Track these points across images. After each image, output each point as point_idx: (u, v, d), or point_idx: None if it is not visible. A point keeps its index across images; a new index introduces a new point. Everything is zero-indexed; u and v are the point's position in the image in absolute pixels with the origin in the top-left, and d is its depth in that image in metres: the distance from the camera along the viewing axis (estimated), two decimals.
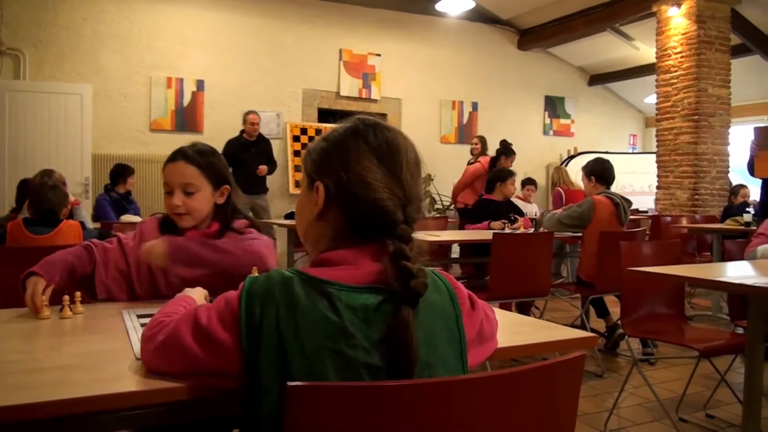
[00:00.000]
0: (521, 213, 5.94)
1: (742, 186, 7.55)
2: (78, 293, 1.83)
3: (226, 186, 2.21)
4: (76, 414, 1.12)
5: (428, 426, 0.96)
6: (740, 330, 3.54)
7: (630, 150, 12.68)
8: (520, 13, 10.73)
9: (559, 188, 8.03)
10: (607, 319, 5.05)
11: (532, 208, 7.21)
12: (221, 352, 1.12)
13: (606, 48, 10.95)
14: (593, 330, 5.07)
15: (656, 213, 8.78)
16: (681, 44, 8.46)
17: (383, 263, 1.14)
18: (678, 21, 8.49)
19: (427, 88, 10.59)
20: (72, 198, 4.61)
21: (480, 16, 10.77)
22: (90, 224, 5.35)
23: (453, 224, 7.29)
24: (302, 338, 1.05)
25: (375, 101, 10.11)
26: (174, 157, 2.15)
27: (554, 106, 11.87)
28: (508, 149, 7.93)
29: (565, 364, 1.07)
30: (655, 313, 3.52)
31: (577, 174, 6.84)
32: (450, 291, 1.22)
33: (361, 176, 1.18)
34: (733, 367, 3.92)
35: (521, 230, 5.36)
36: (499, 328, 1.38)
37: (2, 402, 1.05)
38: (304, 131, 9.51)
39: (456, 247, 6.56)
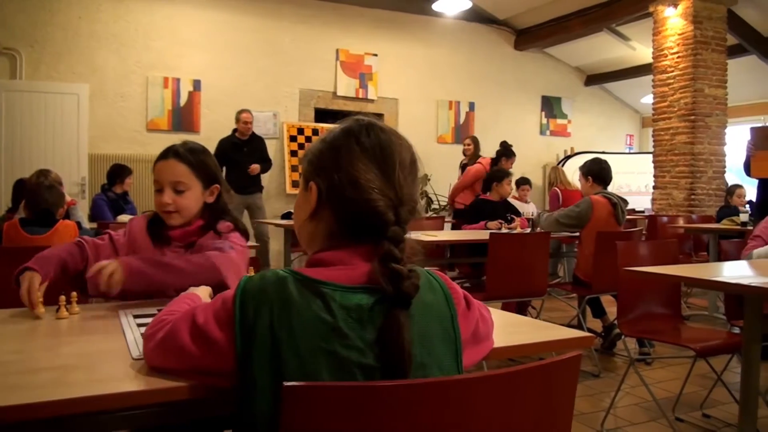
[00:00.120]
0: (518, 213, 5.95)
1: (738, 186, 7.56)
2: (74, 293, 1.82)
3: (216, 185, 2.21)
4: (74, 414, 1.11)
5: (424, 426, 0.96)
6: (737, 330, 3.55)
7: (627, 150, 12.69)
8: (517, 13, 10.73)
9: (556, 188, 8.03)
10: (604, 319, 5.06)
11: (530, 208, 7.22)
12: (216, 351, 1.12)
13: (602, 48, 10.95)
14: (590, 330, 5.07)
15: (653, 213, 8.79)
16: (677, 44, 8.47)
17: (373, 265, 1.14)
18: (674, 21, 8.50)
19: (424, 88, 10.59)
20: (68, 198, 4.61)
21: (477, 16, 10.77)
22: (86, 224, 5.34)
23: (447, 225, 7.27)
24: (296, 338, 1.05)
25: (372, 101, 10.11)
26: (165, 155, 2.15)
27: (551, 106, 11.88)
28: (509, 150, 7.94)
29: (562, 364, 1.07)
30: (652, 313, 3.52)
31: (574, 174, 6.85)
32: (445, 291, 1.22)
33: (353, 177, 1.18)
34: (730, 367, 3.92)
35: (518, 230, 5.37)
36: (496, 328, 1.38)
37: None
38: (301, 131, 9.51)
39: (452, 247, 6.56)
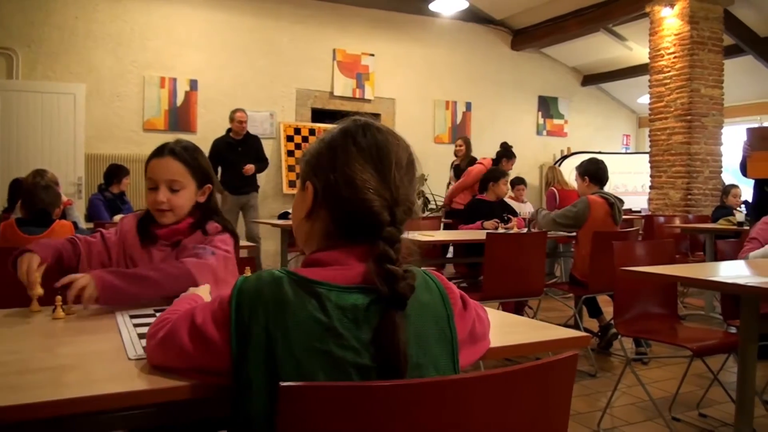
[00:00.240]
0: (514, 213, 5.95)
1: (734, 186, 7.57)
2: None
3: (209, 185, 2.20)
4: (71, 414, 1.11)
5: (420, 426, 0.96)
6: (733, 329, 3.55)
7: (623, 150, 12.71)
8: (514, 14, 10.75)
9: (553, 188, 8.03)
10: (600, 319, 5.06)
11: (526, 208, 7.23)
12: (213, 351, 1.13)
13: (599, 48, 10.97)
14: (586, 330, 5.08)
15: (649, 213, 8.80)
16: (674, 45, 8.48)
17: (369, 265, 1.14)
18: (671, 21, 8.51)
19: (421, 88, 10.60)
20: (65, 198, 4.60)
21: (473, 17, 10.78)
22: (83, 224, 5.33)
23: (436, 223, 7.23)
24: (291, 338, 1.05)
25: (369, 101, 10.11)
26: (160, 153, 2.13)
27: (547, 107, 11.89)
28: (509, 152, 7.95)
29: (558, 364, 1.07)
30: (648, 313, 3.52)
31: (571, 174, 6.85)
32: (441, 291, 1.22)
33: (348, 176, 1.18)
34: (726, 367, 3.93)
35: (515, 230, 5.37)
36: (492, 328, 1.38)
37: None
38: (298, 131, 9.51)
39: (450, 247, 6.56)
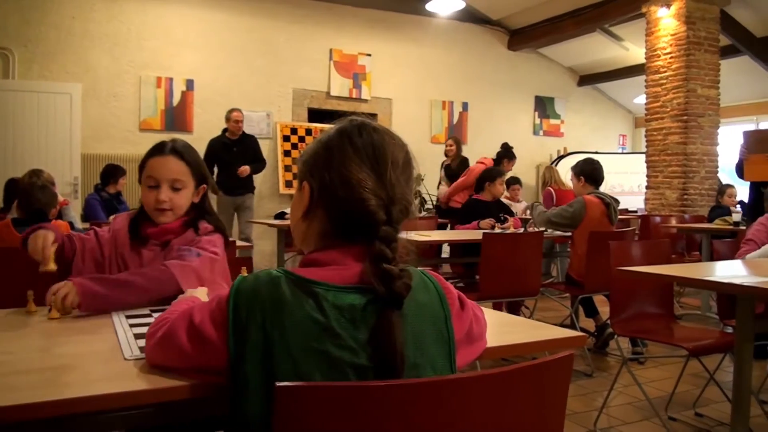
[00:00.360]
0: (511, 213, 5.95)
1: (729, 186, 7.58)
2: None
3: (204, 185, 2.20)
4: (68, 415, 1.11)
5: (417, 426, 0.96)
6: (729, 329, 3.56)
7: (619, 150, 12.73)
8: (510, 14, 10.75)
9: (550, 188, 8.03)
10: (596, 319, 5.07)
11: (523, 207, 7.21)
12: (211, 351, 1.13)
13: (596, 48, 10.98)
14: (583, 329, 5.08)
15: (645, 213, 8.81)
16: (670, 45, 8.49)
17: (365, 265, 1.14)
18: (667, 22, 8.52)
19: (418, 88, 10.60)
20: (61, 198, 4.59)
21: (470, 17, 10.79)
22: (79, 224, 5.32)
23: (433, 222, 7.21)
24: (288, 338, 1.05)
25: (365, 101, 10.11)
26: (161, 151, 2.12)
27: (544, 107, 11.90)
28: (510, 152, 7.95)
29: (554, 364, 1.07)
30: (645, 313, 3.53)
31: (567, 174, 6.86)
32: (439, 291, 1.22)
33: (344, 176, 1.18)
34: (722, 366, 3.93)
35: (511, 230, 5.37)
36: (489, 328, 1.38)
37: None
38: (294, 131, 9.50)
39: (446, 247, 6.56)
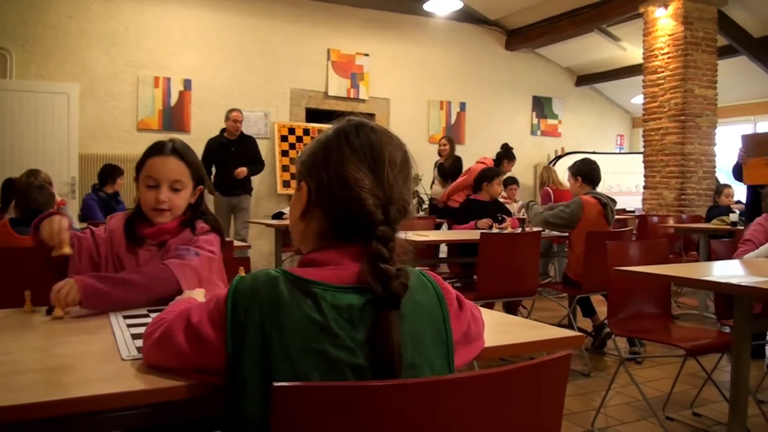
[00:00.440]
0: (508, 213, 5.95)
1: (726, 186, 7.59)
2: None
3: (201, 186, 2.20)
4: (66, 415, 1.11)
5: (414, 426, 0.96)
6: (726, 329, 3.56)
7: (617, 150, 12.74)
8: (508, 14, 10.76)
9: (548, 188, 8.04)
10: (594, 318, 5.07)
11: (520, 206, 7.23)
12: (208, 351, 1.13)
13: (593, 48, 10.99)
14: (580, 329, 5.08)
15: (643, 213, 8.82)
16: (668, 45, 8.50)
17: (362, 265, 1.14)
18: (665, 22, 8.53)
19: (416, 88, 10.60)
20: (58, 198, 4.59)
21: (468, 17, 10.79)
22: (76, 224, 5.32)
23: (431, 222, 7.21)
24: (286, 338, 1.05)
25: (363, 101, 10.11)
26: (162, 151, 2.11)
27: (542, 107, 11.91)
28: (510, 153, 7.96)
29: (551, 364, 1.07)
30: (642, 313, 3.53)
31: (565, 174, 6.86)
32: (437, 292, 1.22)
33: (342, 176, 1.18)
34: (720, 366, 3.93)
35: (508, 230, 5.37)
36: (487, 328, 1.38)
37: None
38: (292, 131, 9.50)
39: (444, 247, 6.56)
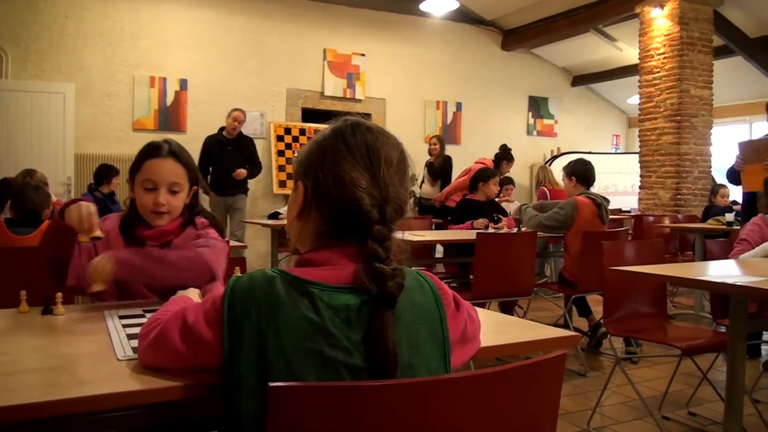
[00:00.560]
0: (505, 213, 5.96)
1: (722, 186, 7.60)
2: (59, 294, 1.80)
3: (196, 186, 2.20)
4: (61, 416, 1.11)
5: (410, 426, 0.96)
6: (722, 328, 3.56)
7: (613, 150, 12.75)
8: (504, 14, 10.76)
9: (544, 187, 8.04)
10: (590, 318, 5.07)
11: (514, 207, 7.22)
12: (204, 350, 1.12)
13: (589, 49, 11.00)
14: (576, 329, 5.09)
15: (639, 213, 8.83)
16: (664, 45, 8.52)
17: (358, 264, 1.14)
18: (661, 22, 8.54)
19: (412, 88, 10.60)
20: (54, 198, 4.58)
21: (464, 17, 10.80)
22: None
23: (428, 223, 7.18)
24: (282, 338, 1.05)
25: (359, 101, 10.11)
26: (159, 153, 2.09)
27: (538, 107, 11.92)
28: (509, 154, 7.97)
29: (546, 363, 1.07)
30: (638, 312, 3.53)
31: (561, 174, 6.87)
32: (434, 292, 1.22)
33: (338, 176, 1.18)
34: (715, 366, 3.94)
35: (504, 230, 5.37)
36: (483, 328, 1.39)
37: None
38: (288, 131, 9.50)
39: (440, 247, 6.56)
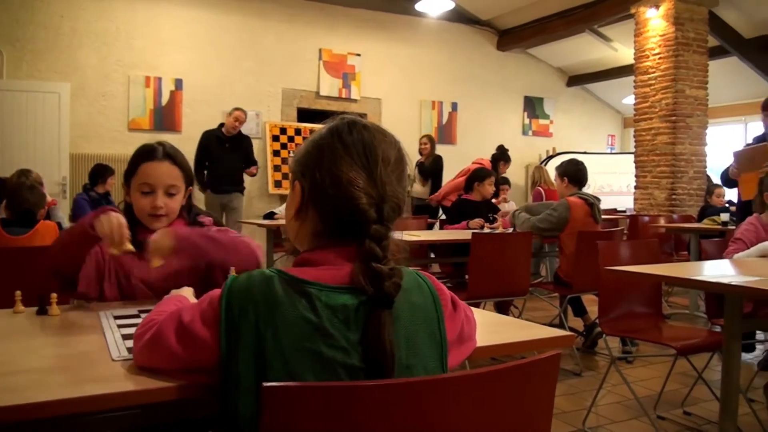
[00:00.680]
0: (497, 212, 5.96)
1: (718, 186, 7.61)
2: (54, 294, 1.79)
3: (191, 187, 2.19)
4: (56, 417, 1.10)
5: (405, 426, 0.96)
6: (717, 328, 3.58)
7: (608, 150, 12.77)
8: (500, 14, 10.77)
9: (540, 188, 8.05)
10: (585, 318, 5.08)
11: (510, 207, 7.23)
12: (201, 350, 1.12)
13: (585, 49, 11.02)
14: (571, 329, 5.09)
15: (634, 213, 8.84)
16: (659, 46, 8.53)
17: (355, 264, 1.13)
18: (656, 23, 8.56)
19: (407, 88, 10.60)
20: (49, 198, 4.57)
21: (459, 17, 10.80)
22: (67, 225, 5.30)
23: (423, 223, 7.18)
24: (280, 338, 1.05)
25: (355, 101, 10.11)
26: (155, 156, 2.06)
27: (533, 107, 11.93)
28: (506, 155, 7.97)
29: (541, 363, 1.07)
30: (633, 312, 3.54)
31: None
32: (432, 293, 1.21)
33: (335, 175, 1.17)
34: (710, 365, 3.95)
35: (500, 230, 5.38)
36: (478, 327, 1.38)
37: None
38: (284, 131, 9.49)
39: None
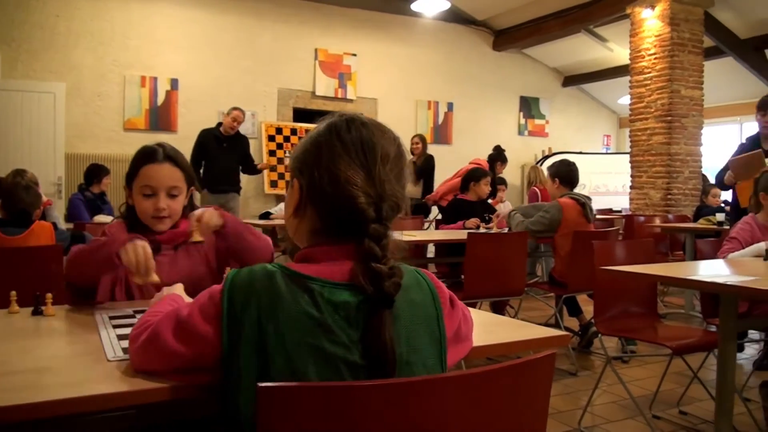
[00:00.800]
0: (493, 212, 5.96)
1: (713, 186, 7.62)
2: (49, 295, 1.77)
3: (192, 188, 2.18)
4: (50, 417, 1.10)
5: (401, 424, 0.96)
6: (712, 328, 3.58)
7: (604, 150, 12.79)
8: (496, 14, 10.78)
9: (535, 188, 8.06)
10: (580, 318, 5.08)
11: (508, 207, 7.23)
12: (201, 345, 1.11)
13: (580, 49, 11.03)
14: (567, 329, 5.10)
15: (629, 213, 8.86)
16: (654, 46, 8.54)
17: (355, 263, 1.13)
18: (652, 23, 8.57)
19: (403, 88, 10.61)
20: (45, 198, 4.56)
21: (455, 17, 10.81)
22: (62, 225, 5.29)
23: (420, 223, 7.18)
24: (283, 332, 1.04)
25: (351, 101, 10.11)
26: (155, 158, 2.05)
27: (529, 107, 11.94)
28: (502, 155, 7.97)
29: (536, 363, 1.08)
30: (628, 312, 3.54)
31: None
32: (432, 290, 1.21)
33: (333, 173, 1.17)
34: (706, 365, 3.95)
35: (495, 230, 5.38)
36: (475, 327, 1.38)
37: None
38: (279, 131, 9.49)
39: (431, 247, 6.56)
